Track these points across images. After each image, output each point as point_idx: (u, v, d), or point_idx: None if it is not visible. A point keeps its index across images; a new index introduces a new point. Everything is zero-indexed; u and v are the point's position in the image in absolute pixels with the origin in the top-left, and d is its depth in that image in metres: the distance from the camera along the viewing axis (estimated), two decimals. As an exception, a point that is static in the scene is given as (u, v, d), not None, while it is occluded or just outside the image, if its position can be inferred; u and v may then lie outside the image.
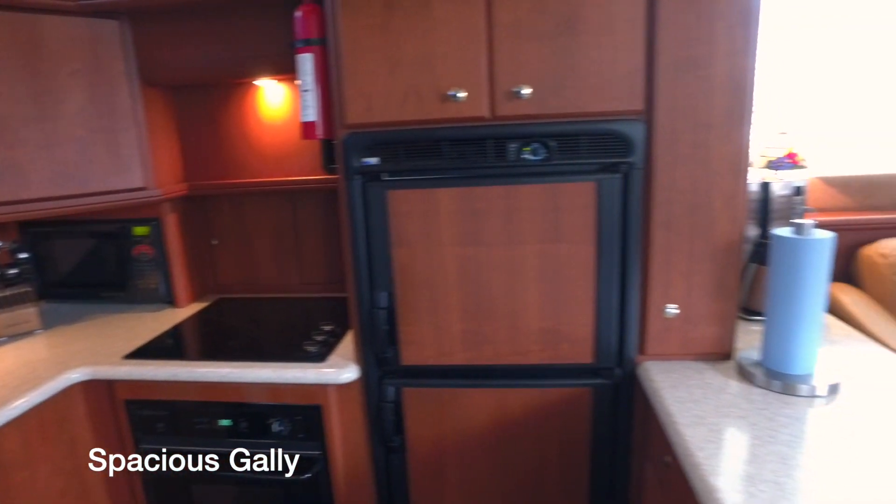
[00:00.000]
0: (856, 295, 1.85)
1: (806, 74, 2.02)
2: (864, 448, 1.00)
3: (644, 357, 1.36)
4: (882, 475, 0.92)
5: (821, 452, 0.99)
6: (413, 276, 1.36)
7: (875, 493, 0.88)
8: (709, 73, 1.19)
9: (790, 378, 1.21)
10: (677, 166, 1.23)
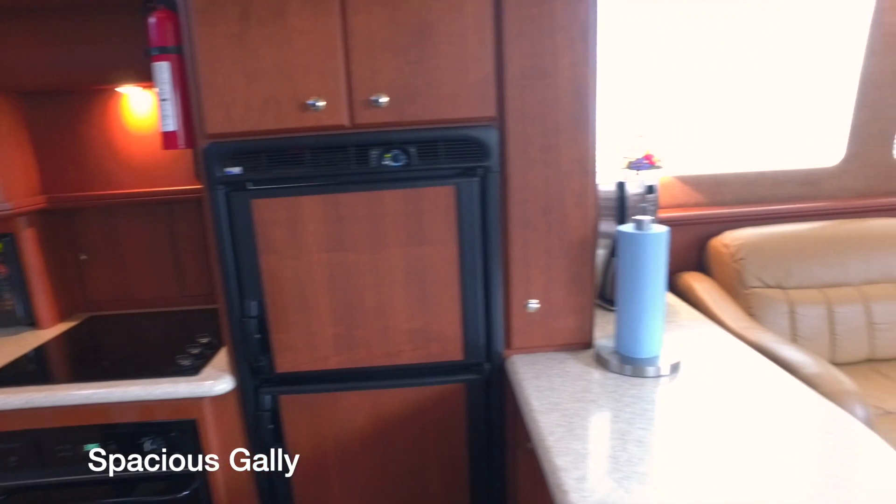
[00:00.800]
0: (706, 282, 2.04)
1: (662, 81, 2.20)
2: (695, 416, 1.11)
3: (511, 351, 1.43)
4: (708, 439, 1.03)
5: (656, 425, 1.09)
6: (282, 283, 1.36)
7: (701, 456, 0.98)
8: (554, 82, 1.28)
9: (639, 362, 1.32)
10: (530, 168, 1.31)
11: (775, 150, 2.36)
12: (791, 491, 0.90)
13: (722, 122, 2.30)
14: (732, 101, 2.29)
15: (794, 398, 1.19)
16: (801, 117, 2.36)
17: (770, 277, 1.99)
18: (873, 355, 1.99)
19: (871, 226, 2.14)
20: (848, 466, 0.96)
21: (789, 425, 1.09)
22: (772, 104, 2.32)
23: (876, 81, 2.24)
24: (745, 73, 2.26)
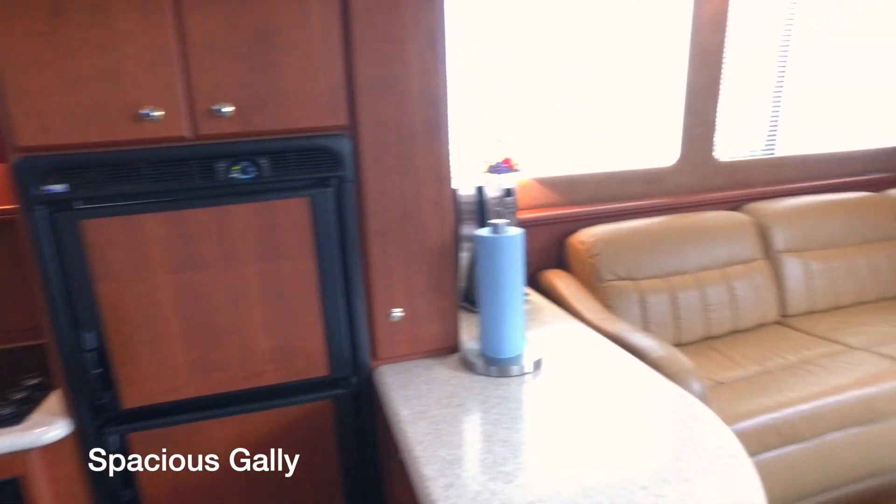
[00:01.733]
0: (566, 278, 2.16)
1: (518, 87, 2.30)
2: (557, 408, 1.17)
3: (378, 362, 1.41)
4: (568, 429, 1.08)
5: (520, 423, 1.12)
6: (125, 310, 1.23)
7: (562, 446, 1.03)
8: (406, 89, 1.28)
9: (504, 362, 1.35)
10: (386, 177, 1.30)
11: (623, 152, 2.56)
12: (640, 467, 0.97)
13: (574, 126, 2.45)
14: (584, 106, 2.44)
15: (642, 381, 1.28)
16: (645, 121, 2.58)
17: (622, 270, 2.14)
18: (709, 333, 2.21)
19: (702, 218, 2.39)
20: (686, 438, 1.05)
21: (638, 407, 1.17)
22: (619, 108, 2.51)
23: (698, 90, 2.50)
24: (593, 81, 2.42)
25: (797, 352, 2.06)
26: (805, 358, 2.01)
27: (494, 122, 2.30)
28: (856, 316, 2.36)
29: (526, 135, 2.37)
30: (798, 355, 2.03)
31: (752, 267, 2.34)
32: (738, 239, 2.36)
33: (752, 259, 2.36)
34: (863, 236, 2.57)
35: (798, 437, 1.71)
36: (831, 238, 2.51)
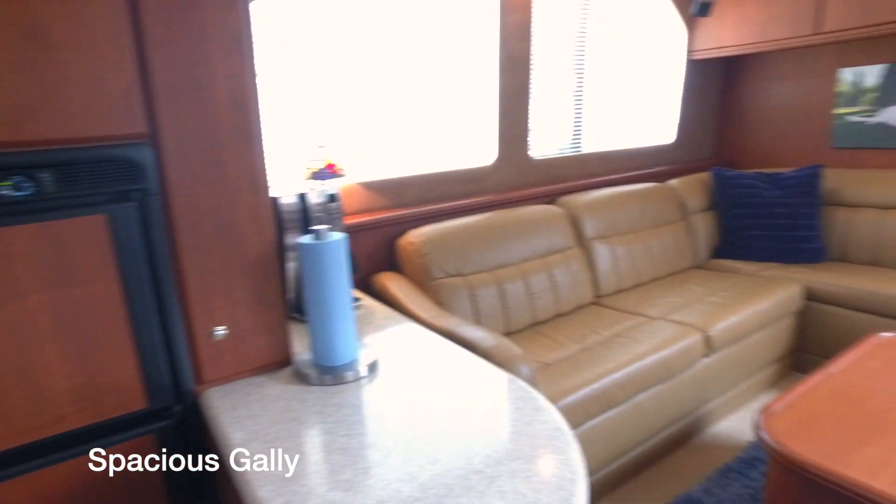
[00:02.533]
0: (399, 280, 2.18)
1: (340, 91, 2.27)
2: (394, 408, 1.17)
3: (204, 385, 1.31)
4: (406, 426, 1.08)
5: (358, 428, 1.11)
6: None
7: (400, 443, 1.03)
8: (211, 94, 1.21)
9: (338, 369, 1.33)
10: (196, 187, 1.21)
11: (446, 153, 2.65)
12: (475, 452, 1.00)
13: (399, 130, 2.49)
14: (407, 111, 2.49)
15: (474, 372, 1.33)
16: (465, 123, 2.69)
17: (452, 267, 2.22)
18: (535, 319, 2.38)
19: (522, 213, 2.56)
20: (515, 419, 1.11)
21: (472, 397, 1.22)
22: (440, 112, 2.60)
23: (509, 94, 2.68)
24: (415, 87, 2.48)
25: (610, 327, 2.29)
26: (616, 332, 2.25)
27: (316, 127, 2.26)
28: (653, 290, 2.69)
29: (350, 140, 2.36)
30: (611, 330, 2.26)
31: (569, 255, 2.56)
32: (554, 230, 2.57)
33: (567, 247, 2.59)
34: (653, 221, 2.94)
35: (614, 402, 1.91)
36: (630, 224, 2.84)
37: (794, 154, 3.52)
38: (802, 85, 3.44)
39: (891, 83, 3.07)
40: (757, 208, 3.04)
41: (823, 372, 1.82)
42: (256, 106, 1.27)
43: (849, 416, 1.59)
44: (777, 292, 2.58)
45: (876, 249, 2.91)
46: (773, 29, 3.10)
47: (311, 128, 2.23)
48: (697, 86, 3.62)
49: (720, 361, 2.31)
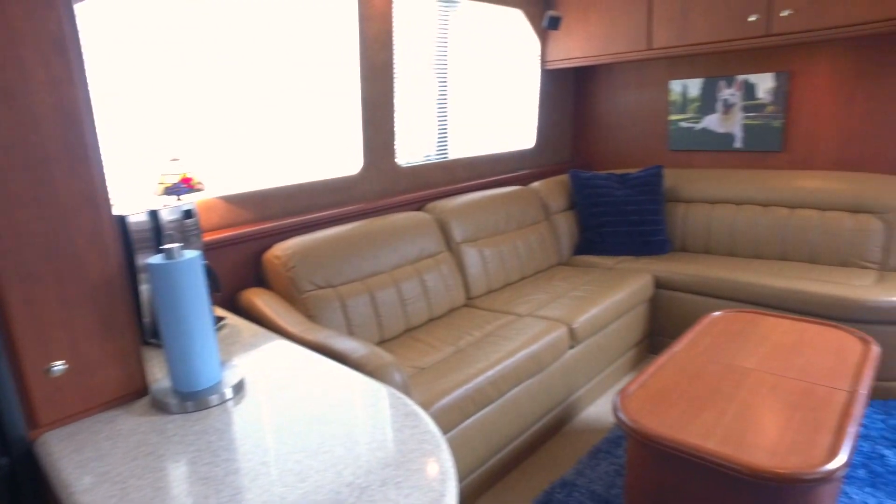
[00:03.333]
0: (266, 295, 2.11)
1: (200, 104, 2.15)
2: (262, 427, 1.12)
3: (41, 430, 1.18)
4: (275, 443, 1.04)
5: (224, 453, 1.05)
6: None
7: (268, 462, 0.99)
8: (29, 104, 1.09)
9: (200, 394, 1.25)
10: (17, 211, 1.09)
11: (311, 163, 2.60)
12: (345, 465, 0.99)
13: (261, 142, 2.40)
14: (270, 121, 2.41)
15: (344, 384, 1.32)
16: (330, 133, 2.66)
17: (321, 279, 2.18)
18: (409, 325, 2.40)
19: (391, 220, 2.57)
20: (385, 427, 1.11)
21: (342, 409, 1.20)
22: (304, 122, 2.54)
23: (373, 102, 2.68)
24: (277, 97, 2.40)
25: (482, 327, 2.37)
26: (488, 331, 2.33)
27: (170, 139, 2.12)
28: (522, 289, 2.82)
29: (209, 152, 2.24)
30: (483, 330, 2.34)
31: (439, 259, 2.61)
32: (424, 236, 2.61)
33: (437, 252, 2.64)
34: (518, 222, 3.09)
35: (489, 399, 1.97)
36: (497, 226, 2.96)
37: (641, 155, 3.86)
38: (643, 93, 3.79)
39: (708, 94, 3.48)
40: (611, 206, 3.30)
41: (669, 352, 2.01)
42: (91, 116, 1.16)
43: (689, 388, 1.77)
44: (632, 283, 2.81)
45: (708, 239, 3.27)
46: (614, 43, 3.38)
47: (165, 140, 2.09)
48: (553, 93, 3.86)
49: (585, 351, 2.47)
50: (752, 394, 1.72)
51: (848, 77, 3.08)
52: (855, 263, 2.88)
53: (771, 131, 3.32)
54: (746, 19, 2.91)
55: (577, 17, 3.49)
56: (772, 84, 3.27)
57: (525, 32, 3.59)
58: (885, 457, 2.14)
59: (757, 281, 2.71)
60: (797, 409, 1.64)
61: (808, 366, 1.89)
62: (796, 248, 3.04)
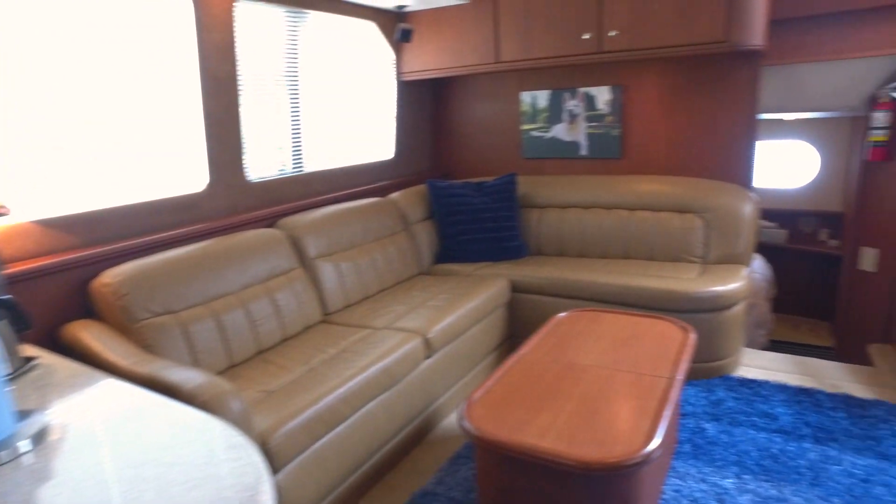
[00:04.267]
0: (94, 327, 1.93)
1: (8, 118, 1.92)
2: (67, 482, 1.01)
3: None
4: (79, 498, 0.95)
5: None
6: None
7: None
8: None
9: (-12, 450, 1.11)
10: None
11: (150, 180, 2.43)
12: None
13: (90, 160, 2.20)
14: (97, 135, 2.21)
15: (168, 419, 1.23)
16: (171, 148, 2.50)
17: (158, 306, 2.04)
18: (261, 347, 2.31)
19: (240, 239, 2.47)
20: (205, 463, 1.05)
21: (159, 448, 1.12)
22: (141, 138, 2.37)
23: (217, 117, 2.56)
24: (109, 111, 2.21)
25: (337, 344, 2.33)
26: (343, 347, 2.30)
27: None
28: (381, 301, 2.82)
29: (17, 171, 2.01)
30: (337, 347, 2.31)
31: (291, 276, 2.54)
32: (275, 253, 2.53)
33: (290, 269, 2.57)
34: (376, 234, 3.09)
35: (341, 418, 1.94)
36: (353, 239, 2.94)
37: (497, 164, 4.01)
38: (497, 104, 3.95)
39: (555, 105, 3.70)
40: (468, 214, 3.39)
41: (516, 356, 2.10)
42: None
43: (531, 390, 1.85)
44: (488, 289, 2.91)
45: (560, 242, 3.47)
46: (465, 56, 3.50)
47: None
48: (410, 104, 3.91)
49: (442, 360, 2.51)
50: (588, 389, 1.84)
51: (670, 92, 3.42)
52: (684, 259, 3.18)
53: (611, 140, 3.59)
54: (581, 37, 3.13)
55: (430, 31, 3.57)
56: (609, 97, 3.54)
57: (380, 44, 3.61)
58: (705, 430, 2.38)
59: (602, 280, 2.91)
60: (626, 399, 1.77)
61: (638, 357, 2.05)
62: (637, 247, 3.30)
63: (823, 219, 5.40)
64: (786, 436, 2.33)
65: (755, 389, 2.70)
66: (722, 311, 2.73)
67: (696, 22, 2.84)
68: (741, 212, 3.11)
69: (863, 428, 2.38)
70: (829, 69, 3.30)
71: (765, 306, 4.38)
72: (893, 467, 2.13)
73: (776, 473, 2.11)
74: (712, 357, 2.79)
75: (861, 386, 2.75)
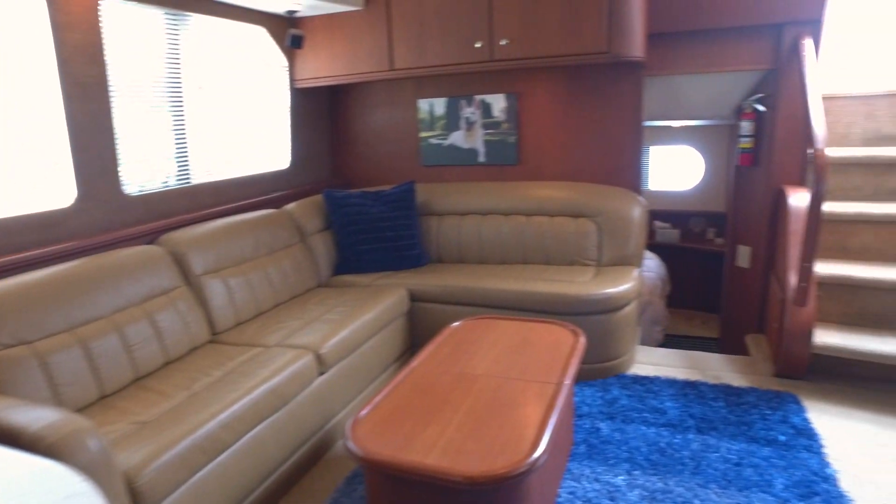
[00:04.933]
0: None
1: None
2: None
3: None
4: None
5: None
6: None
7: None
8: None
9: None
10: None
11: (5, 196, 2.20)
12: None
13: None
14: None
15: None
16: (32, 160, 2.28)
17: (10, 337, 1.84)
18: (139, 373, 2.15)
19: (114, 258, 2.29)
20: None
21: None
22: None
23: (84, 125, 2.36)
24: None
25: (223, 365, 2.21)
26: (230, 369, 2.17)
27: None
28: (275, 317, 2.71)
29: None
30: (223, 368, 2.18)
31: (173, 296, 2.39)
32: (155, 271, 2.36)
33: (172, 288, 2.41)
34: (270, 247, 2.97)
35: (223, 446, 1.82)
36: (244, 254, 2.81)
37: (396, 172, 3.98)
38: (395, 111, 3.92)
39: (453, 112, 3.72)
40: (366, 224, 3.33)
41: (406, 369, 2.07)
42: None
43: (420, 403, 1.82)
44: (386, 299, 2.86)
45: (460, 249, 3.49)
46: (359, 63, 3.44)
47: None
48: (306, 112, 3.81)
49: (337, 375, 2.44)
50: (477, 400, 1.83)
51: (561, 100, 3.52)
52: (579, 262, 3.28)
53: (507, 146, 3.65)
54: (473, 45, 3.16)
55: (323, 37, 3.49)
56: (504, 104, 3.60)
57: (272, 50, 3.49)
58: (600, 430, 2.45)
59: (499, 286, 2.94)
60: (514, 408, 1.78)
61: (529, 364, 2.07)
62: (534, 252, 3.37)
63: (710, 218, 5.78)
64: (672, 429, 2.44)
65: (647, 386, 2.81)
66: (614, 311, 2.82)
67: (581, 33, 2.94)
68: (631, 215, 3.24)
69: (738, 415, 2.53)
70: (702, 81, 3.52)
71: (660, 304, 4.61)
72: (761, 449, 2.28)
73: (663, 467, 2.20)
74: (608, 357, 2.89)
75: (738, 375, 2.93)
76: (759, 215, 3.45)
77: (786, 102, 3.19)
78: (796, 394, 2.71)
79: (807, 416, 2.51)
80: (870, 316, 2.82)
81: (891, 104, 3.25)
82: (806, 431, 2.39)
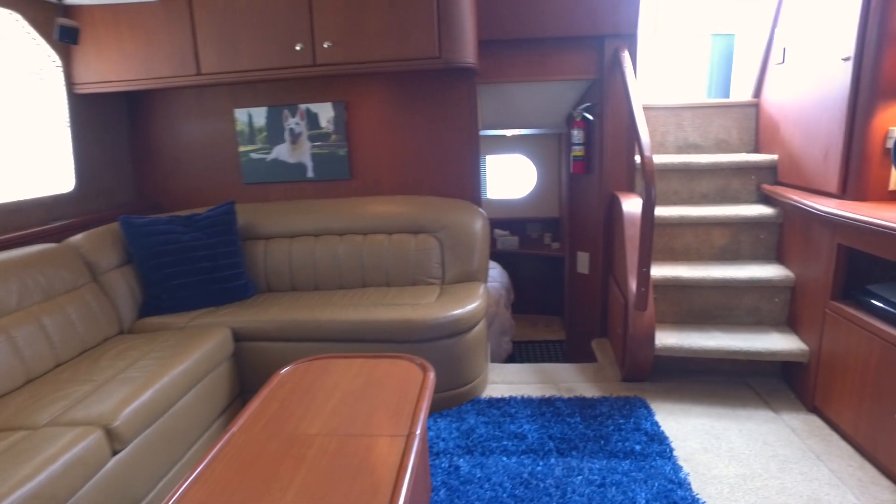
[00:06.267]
0: None
1: None
2: None
3: None
4: None
5: None
6: None
7: None
8: None
9: None
10: None
11: None
12: None
13: None
14: None
15: None
16: None
17: None
18: None
19: None
20: None
21: None
22: None
23: None
24: None
25: (-34, 464, 1.64)
26: (-26, 469, 1.61)
27: None
28: (53, 383, 2.12)
29: None
30: (-34, 469, 1.61)
31: None
32: None
33: None
34: (46, 293, 2.36)
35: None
36: (5, 305, 2.19)
37: (215, 192, 3.49)
38: (209, 123, 3.43)
39: (275, 123, 3.34)
40: (177, 255, 2.83)
41: (226, 435, 1.68)
42: None
43: (242, 482, 1.46)
44: (205, 343, 2.41)
45: (291, 275, 3.11)
46: (157, 66, 2.93)
47: None
48: (95, 124, 3.18)
49: (141, 449, 1.96)
50: (312, 471, 1.51)
51: (393, 108, 3.30)
52: (422, 281, 3.07)
53: (338, 160, 3.35)
54: (294, 48, 2.83)
55: (107, 32, 2.92)
56: (332, 113, 3.30)
57: (39, 46, 2.84)
58: (459, 468, 2.24)
59: (335, 317, 2.63)
60: (357, 476, 1.48)
61: (373, 413, 1.79)
62: (374, 274, 3.10)
63: (546, 224, 5.95)
64: (534, 455, 2.31)
65: (503, 409, 2.67)
66: (463, 334, 2.65)
67: (410, 37, 2.74)
68: (473, 228, 3.11)
69: (595, 429, 2.48)
70: (533, 90, 3.51)
71: (506, 314, 4.59)
72: (620, 463, 2.23)
73: (529, 501, 2.04)
74: (460, 382, 2.71)
75: (589, 384, 2.92)
76: (595, 222, 3.51)
77: (611, 111, 3.26)
78: (643, 397, 2.74)
79: (656, 420, 2.53)
80: (696, 312, 2.96)
81: (694, 115, 3.48)
82: (657, 436, 2.40)
